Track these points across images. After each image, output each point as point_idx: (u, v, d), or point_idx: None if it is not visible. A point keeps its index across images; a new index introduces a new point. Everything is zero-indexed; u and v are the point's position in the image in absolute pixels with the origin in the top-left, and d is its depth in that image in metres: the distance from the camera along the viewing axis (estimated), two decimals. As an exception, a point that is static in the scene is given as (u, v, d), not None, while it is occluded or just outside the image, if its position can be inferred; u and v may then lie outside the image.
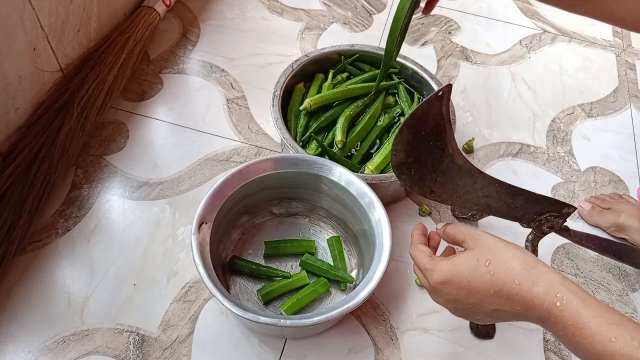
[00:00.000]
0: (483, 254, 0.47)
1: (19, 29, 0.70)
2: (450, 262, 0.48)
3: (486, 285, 0.45)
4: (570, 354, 0.71)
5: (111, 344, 0.66)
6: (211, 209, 0.65)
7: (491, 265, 0.45)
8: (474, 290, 0.46)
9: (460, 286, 0.46)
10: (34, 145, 0.75)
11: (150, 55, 0.99)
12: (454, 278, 0.47)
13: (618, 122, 1.01)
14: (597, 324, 0.40)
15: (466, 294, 0.46)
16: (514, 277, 0.44)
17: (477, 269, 0.46)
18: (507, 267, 0.45)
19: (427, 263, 0.50)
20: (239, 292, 0.70)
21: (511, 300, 0.44)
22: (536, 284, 0.43)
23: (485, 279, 0.45)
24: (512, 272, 0.44)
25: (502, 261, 0.45)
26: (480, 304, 0.46)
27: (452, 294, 0.47)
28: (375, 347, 0.69)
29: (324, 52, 0.87)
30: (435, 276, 0.48)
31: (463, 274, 0.46)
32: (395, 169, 0.56)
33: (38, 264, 0.71)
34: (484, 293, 0.45)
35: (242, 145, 0.88)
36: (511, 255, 0.46)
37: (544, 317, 0.43)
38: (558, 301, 0.42)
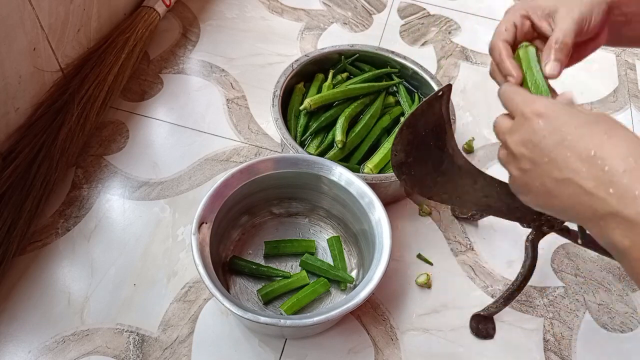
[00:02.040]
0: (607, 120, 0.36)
1: (19, 29, 0.70)
2: (562, 103, 0.38)
3: (589, 144, 0.34)
4: (570, 354, 0.71)
5: (111, 344, 0.66)
6: (211, 209, 0.65)
7: (612, 131, 0.35)
8: (569, 141, 0.35)
9: (557, 128, 0.36)
10: (34, 145, 0.75)
11: (150, 55, 0.99)
12: (559, 115, 0.36)
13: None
14: None
15: (556, 141, 0.36)
16: (634, 155, 0.33)
17: (594, 124, 0.35)
18: (632, 141, 0.34)
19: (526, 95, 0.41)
20: (239, 292, 0.70)
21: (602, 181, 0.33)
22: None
23: (596, 138, 0.35)
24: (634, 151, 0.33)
25: (628, 135, 0.35)
26: (559, 161, 0.36)
27: (539, 134, 0.37)
28: (375, 347, 0.69)
29: (324, 52, 0.87)
30: (536, 105, 0.38)
31: (575, 116, 0.36)
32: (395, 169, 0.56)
33: (38, 264, 0.71)
34: (578, 150, 0.35)
35: (242, 145, 0.88)
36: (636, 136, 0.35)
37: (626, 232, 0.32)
38: None
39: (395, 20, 1.14)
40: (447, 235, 0.80)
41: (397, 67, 0.89)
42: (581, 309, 0.75)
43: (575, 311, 0.75)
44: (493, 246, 0.80)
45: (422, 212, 0.82)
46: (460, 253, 0.79)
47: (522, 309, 0.74)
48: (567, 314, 0.74)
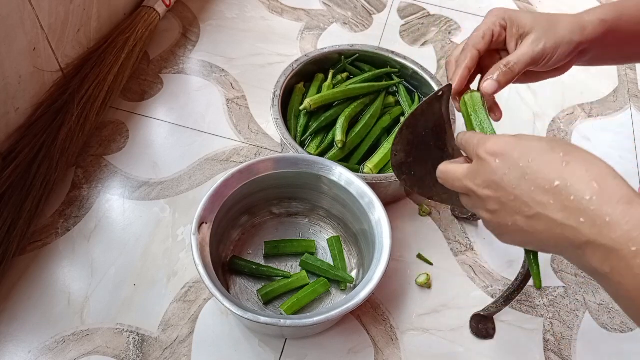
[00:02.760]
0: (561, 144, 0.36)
1: (19, 29, 0.70)
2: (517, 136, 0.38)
3: (551, 174, 0.34)
4: (570, 354, 0.71)
5: (111, 344, 0.66)
6: (211, 209, 0.65)
7: (568, 156, 0.34)
8: (530, 175, 0.35)
9: (514, 164, 0.36)
10: (34, 145, 0.75)
11: (150, 55, 0.99)
12: (513, 150, 0.36)
13: (618, 122, 1.01)
14: None
15: (518, 178, 0.35)
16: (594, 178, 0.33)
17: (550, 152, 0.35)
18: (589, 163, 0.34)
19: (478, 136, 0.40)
20: (239, 292, 0.70)
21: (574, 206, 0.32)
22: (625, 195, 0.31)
23: (554, 167, 0.34)
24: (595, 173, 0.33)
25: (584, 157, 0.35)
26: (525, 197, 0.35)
27: (499, 173, 0.37)
28: (375, 347, 0.69)
29: (324, 52, 0.87)
30: (488, 145, 0.38)
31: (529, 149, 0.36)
32: (395, 169, 0.56)
33: (38, 264, 0.71)
34: (542, 183, 0.34)
35: (242, 145, 0.88)
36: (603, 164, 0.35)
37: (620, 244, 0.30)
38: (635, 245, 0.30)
39: (395, 20, 1.14)
40: (447, 235, 0.80)
41: (397, 67, 0.89)
42: (581, 309, 0.75)
43: (575, 311, 0.75)
44: (493, 246, 0.80)
45: (422, 212, 0.82)
46: (460, 253, 0.79)
47: (522, 309, 0.74)
48: (567, 314, 0.74)
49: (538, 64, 0.51)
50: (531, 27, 0.50)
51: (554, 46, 0.49)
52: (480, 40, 0.51)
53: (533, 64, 0.50)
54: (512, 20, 0.51)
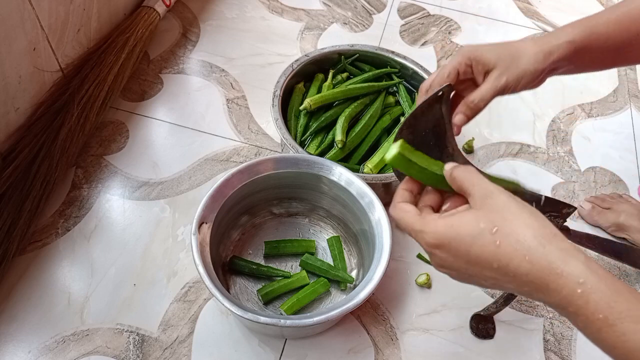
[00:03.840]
0: (490, 218, 0.38)
1: (19, 29, 0.70)
2: (447, 222, 0.39)
3: (489, 258, 0.37)
4: (570, 354, 0.71)
5: (111, 344, 0.66)
6: (211, 209, 0.65)
7: (498, 234, 0.37)
8: (473, 261, 0.38)
9: (457, 253, 0.39)
10: (34, 145, 0.75)
11: (150, 55, 0.99)
12: (450, 243, 0.39)
13: (618, 122, 1.01)
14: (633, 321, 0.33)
15: (464, 263, 0.39)
16: (525, 252, 0.36)
17: (481, 236, 0.38)
18: (517, 239, 0.36)
19: (414, 223, 0.41)
20: (239, 292, 0.70)
21: (519, 279, 0.37)
22: (554, 268, 0.35)
23: (489, 250, 0.37)
24: (523, 246, 0.36)
25: (512, 230, 0.37)
26: (480, 276, 0.39)
27: (448, 261, 0.40)
28: (375, 347, 0.69)
29: (324, 52, 0.87)
30: (427, 238, 0.40)
31: (462, 239, 0.38)
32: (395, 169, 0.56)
33: (38, 264, 0.71)
34: (485, 265, 0.38)
35: (242, 145, 0.88)
36: (524, 223, 0.37)
37: (562, 305, 0.36)
38: (580, 288, 0.34)
39: (395, 20, 1.14)
40: (447, 235, 0.80)
41: (397, 67, 0.89)
42: (581, 309, 0.75)
43: (575, 311, 0.75)
44: (493, 246, 0.80)
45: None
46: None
47: (522, 309, 0.74)
48: (567, 314, 0.74)
49: (504, 94, 0.55)
50: (494, 63, 0.54)
51: (516, 79, 0.54)
52: (445, 79, 0.55)
53: (498, 95, 0.55)
54: (477, 60, 0.55)
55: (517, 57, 0.54)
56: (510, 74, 0.53)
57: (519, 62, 0.54)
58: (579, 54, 0.55)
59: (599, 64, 0.58)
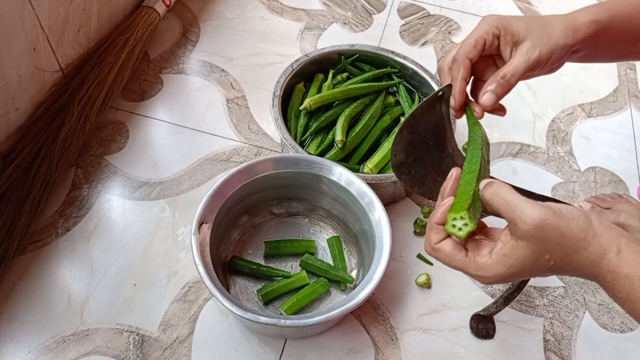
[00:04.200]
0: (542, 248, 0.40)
1: (19, 29, 0.70)
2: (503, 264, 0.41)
3: (544, 271, 0.42)
4: (570, 354, 0.71)
5: (111, 344, 0.66)
6: (211, 209, 0.65)
7: (552, 260, 0.41)
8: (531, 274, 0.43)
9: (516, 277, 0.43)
10: (34, 145, 0.75)
11: (150, 55, 0.99)
12: (510, 277, 0.42)
13: (618, 122, 1.01)
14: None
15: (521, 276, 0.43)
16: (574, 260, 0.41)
17: (536, 263, 0.41)
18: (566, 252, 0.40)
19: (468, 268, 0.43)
20: (239, 292, 0.70)
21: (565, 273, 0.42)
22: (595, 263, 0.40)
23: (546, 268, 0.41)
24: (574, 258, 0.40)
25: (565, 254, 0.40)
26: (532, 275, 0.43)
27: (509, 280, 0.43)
28: (375, 347, 0.69)
29: (324, 52, 0.87)
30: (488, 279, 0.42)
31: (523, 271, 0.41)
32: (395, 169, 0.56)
33: (38, 264, 0.71)
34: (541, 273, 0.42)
35: (242, 145, 0.88)
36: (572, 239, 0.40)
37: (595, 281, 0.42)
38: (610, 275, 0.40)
39: (395, 20, 1.14)
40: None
41: (397, 67, 0.89)
42: (581, 309, 0.75)
43: (575, 311, 0.75)
44: (493, 246, 0.80)
45: (422, 212, 0.82)
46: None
47: (522, 309, 0.74)
48: (567, 314, 0.74)
49: (534, 71, 0.51)
50: (525, 34, 0.50)
51: (548, 53, 0.50)
52: (472, 49, 0.51)
53: (529, 72, 0.50)
54: (506, 29, 0.51)
55: (547, 30, 0.50)
56: (543, 47, 0.49)
57: (550, 35, 0.50)
58: (602, 35, 0.52)
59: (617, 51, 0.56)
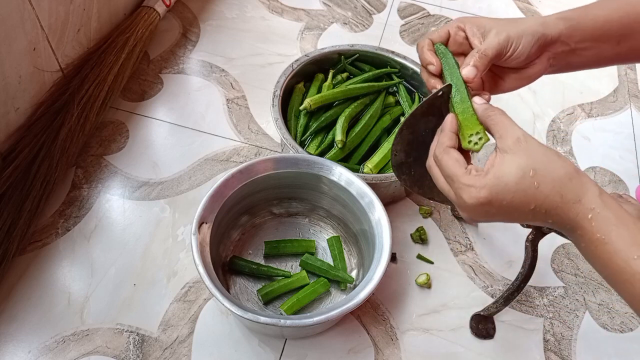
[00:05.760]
0: (528, 161, 0.41)
1: (19, 29, 0.70)
2: (494, 176, 0.42)
3: (529, 201, 0.41)
4: (570, 354, 0.71)
5: (111, 344, 0.66)
6: (211, 209, 0.65)
7: (537, 176, 0.41)
8: (514, 207, 0.42)
9: (501, 205, 0.42)
10: (34, 145, 0.75)
11: (150, 55, 0.99)
12: (497, 196, 0.41)
13: (618, 122, 1.01)
14: (623, 242, 0.39)
15: (505, 212, 0.42)
16: (559, 190, 0.41)
17: (523, 180, 0.41)
18: (552, 177, 0.41)
19: (463, 176, 0.43)
20: (239, 292, 0.70)
21: (548, 215, 0.41)
22: (577, 197, 0.40)
23: (530, 194, 0.41)
24: (558, 183, 0.41)
25: (548, 170, 0.41)
26: (513, 217, 0.43)
27: (491, 213, 0.43)
28: (375, 347, 0.69)
29: (324, 52, 0.87)
30: (476, 195, 0.42)
31: (508, 188, 0.41)
32: (395, 169, 0.56)
33: (38, 264, 0.71)
34: (524, 209, 0.42)
35: (242, 145, 0.88)
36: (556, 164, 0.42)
37: (573, 228, 0.41)
38: (591, 214, 0.40)
39: (395, 20, 1.14)
40: (447, 235, 0.80)
41: (397, 67, 0.89)
42: (581, 309, 0.75)
43: (575, 311, 0.75)
44: (493, 246, 0.80)
45: (422, 212, 0.82)
46: (460, 253, 0.79)
47: (522, 309, 0.74)
48: (567, 314, 0.74)
49: (506, 52, 0.53)
50: (491, 25, 0.54)
51: (517, 34, 0.52)
52: (434, 34, 0.56)
53: (501, 51, 0.53)
54: (471, 23, 0.55)
55: (514, 21, 0.54)
56: (511, 30, 0.52)
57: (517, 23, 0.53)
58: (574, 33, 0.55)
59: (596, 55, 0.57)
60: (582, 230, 0.41)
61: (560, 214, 0.41)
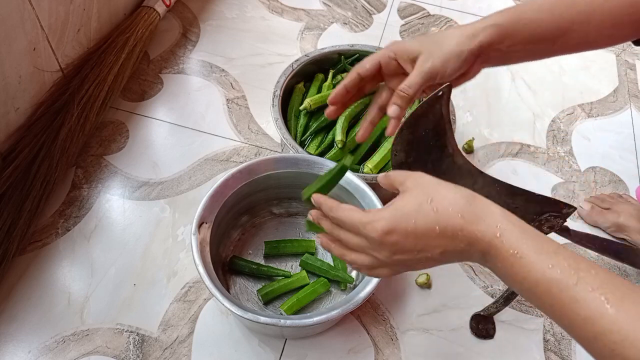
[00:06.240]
0: (424, 192, 0.44)
1: (19, 29, 0.70)
2: (392, 207, 0.44)
3: (432, 224, 0.43)
4: (570, 354, 0.71)
5: (111, 344, 0.66)
6: (211, 209, 0.65)
7: (434, 202, 0.43)
8: (419, 233, 0.43)
9: (406, 232, 0.43)
10: (34, 145, 0.75)
11: (150, 55, 0.99)
12: (399, 223, 0.43)
13: (618, 122, 1.01)
14: (536, 253, 0.40)
15: (413, 240, 0.43)
16: (458, 210, 0.42)
17: (421, 207, 0.43)
18: (449, 201, 0.43)
19: (363, 217, 0.45)
20: (239, 292, 0.70)
21: (456, 237, 0.42)
22: (479, 218, 0.42)
23: (431, 218, 0.43)
24: (455, 205, 0.43)
25: (444, 196, 0.43)
26: (426, 248, 0.44)
27: (399, 243, 0.44)
28: (375, 347, 0.69)
29: (324, 52, 0.87)
30: (378, 226, 0.43)
31: (408, 216, 0.43)
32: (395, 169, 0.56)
33: (38, 264, 0.71)
34: (430, 234, 0.43)
35: (242, 145, 0.88)
36: (451, 190, 0.44)
37: (486, 250, 0.42)
38: (498, 232, 0.41)
39: (395, 20, 1.14)
40: (447, 235, 0.80)
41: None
42: (581, 309, 0.75)
43: (575, 311, 0.75)
44: (493, 246, 0.80)
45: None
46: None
47: (522, 309, 0.74)
48: (567, 314, 0.74)
49: (434, 80, 0.55)
50: (419, 50, 0.56)
51: (441, 62, 0.54)
52: (364, 66, 0.58)
53: (428, 82, 0.55)
54: (401, 50, 0.57)
55: (440, 42, 0.55)
56: (436, 58, 0.54)
57: (442, 46, 0.55)
58: (506, 38, 0.55)
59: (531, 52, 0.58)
60: (494, 249, 0.41)
61: (467, 235, 0.42)
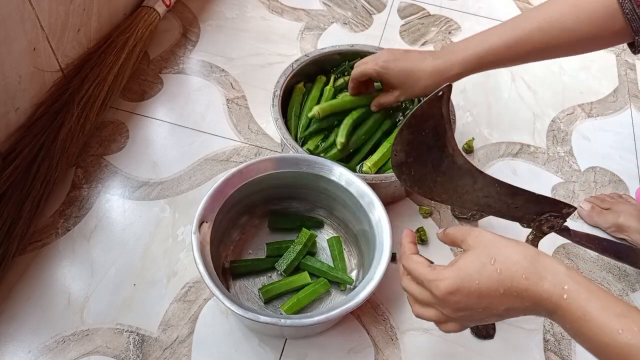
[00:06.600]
0: (486, 252, 0.45)
1: (19, 29, 0.70)
2: (455, 267, 0.46)
3: (495, 285, 0.44)
4: (570, 354, 0.71)
5: (111, 344, 0.66)
6: (211, 208, 0.65)
7: (497, 263, 0.44)
8: (484, 293, 0.44)
9: (469, 292, 0.44)
10: (34, 145, 0.75)
11: (150, 55, 0.99)
12: (462, 284, 0.44)
13: (618, 122, 1.01)
14: (604, 316, 0.40)
15: (476, 299, 0.44)
16: (521, 272, 0.43)
17: (484, 269, 0.44)
18: (512, 262, 0.44)
19: (428, 274, 0.47)
20: (239, 291, 0.70)
21: (520, 297, 0.43)
22: (543, 278, 0.42)
23: (494, 279, 0.44)
24: (519, 266, 0.43)
25: (507, 257, 0.44)
26: (491, 306, 0.45)
27: (462, 302, 0.45)
28: (375, 347, 0.69)
29: (324, 52, 0.87)
30: (442, 286, 0.45)
31: (471, 277, 0.44)
32: (395, 169, 0.56)
33: (38, 264, 0.71)
34: (494, 294, 0.44)
35: (242, 145, 0.88)
36: (514, 250, 0.45)
37: (552, 310, 0.42)
38: (565, 293, 0.41)
39: (395, 20, 1.14)
40: (447, 235, 0.80)
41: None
42: (581, 309, 0.75)
43: (575, 311, 0.75)
44: (493, 246, 0.80)
45: (423, 212, 0.82)
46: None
47: (522, 309, 0.74)
48: (567, 314, 0.74)
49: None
50: (398, 86, 0.71)
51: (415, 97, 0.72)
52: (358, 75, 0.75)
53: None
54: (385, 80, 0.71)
55: (416, 81, 0.68)
56: (409, 95, 0.71)
57: (417, 85, 0.68)
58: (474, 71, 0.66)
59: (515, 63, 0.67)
60: (562, 310, 0.42)
61: (532, 296, 0.43)
